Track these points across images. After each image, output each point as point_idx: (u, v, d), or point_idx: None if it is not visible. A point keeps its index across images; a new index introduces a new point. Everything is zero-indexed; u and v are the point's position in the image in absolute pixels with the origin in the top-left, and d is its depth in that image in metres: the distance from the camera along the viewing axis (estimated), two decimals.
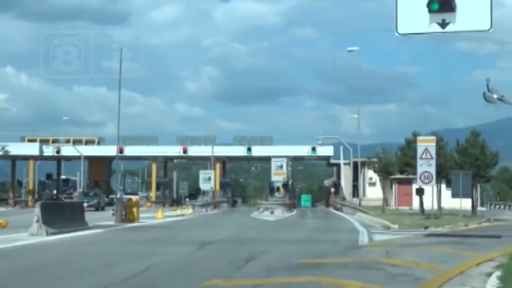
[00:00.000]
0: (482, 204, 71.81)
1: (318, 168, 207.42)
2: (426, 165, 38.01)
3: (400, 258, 17.26)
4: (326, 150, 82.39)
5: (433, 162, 38.08)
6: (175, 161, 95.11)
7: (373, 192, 79.58)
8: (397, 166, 46.61)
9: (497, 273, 13.53)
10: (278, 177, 64.99)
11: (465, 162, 42.42)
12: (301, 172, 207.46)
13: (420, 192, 39.88)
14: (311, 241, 23.91)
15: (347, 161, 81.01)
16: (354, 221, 42.27)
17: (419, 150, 38.34)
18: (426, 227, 32.55)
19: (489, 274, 14.35)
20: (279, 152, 78.77)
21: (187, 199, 74.62)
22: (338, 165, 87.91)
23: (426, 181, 37.96)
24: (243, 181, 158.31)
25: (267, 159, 77.39)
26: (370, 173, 79.93)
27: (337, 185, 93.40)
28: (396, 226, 33.53)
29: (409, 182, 74.93)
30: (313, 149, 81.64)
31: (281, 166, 65.02)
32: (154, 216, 42.05)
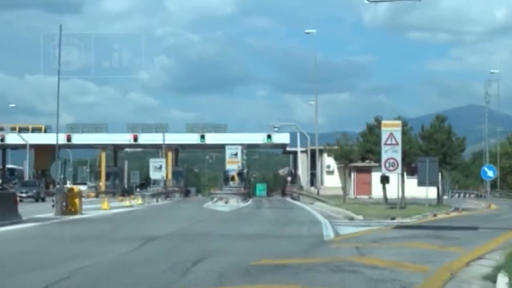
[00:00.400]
0: (443, 193, 69.98)
1: (273, 157, 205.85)
2: (391, 151, 35.77)
3: (376, 257, 14.69)
4: (282, 138, 79.90)
5: (398, 148, 35.85)
6: (127, 150, 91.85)
7: (331, 181, 77.41)
8: (358, 153, 44.18)
9: (503, 279, 10.95)
10: (232, 165, 62.17)
11: (431, 149, 40.16)
12: (256, 162, 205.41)
13: (384, 180, 37.44)
14: (271, 236, 21.21)
15: (304, 149, 78.60)
16: (314, 211, 39.81)
17: (384, 136, 36.06)
18: (393, 218, 30.23)
19: (485, 277, 11.96)
20: (233, 140, 76.09)
21: (138, 189, 71.51)
22: (294, 153, 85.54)
23: (391, 168, 35.71)
24: (197, 171, 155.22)
25: (221, 147, 74.67)
26: (328, 161, 77.76)
27: (293, 174, 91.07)
28: (361, 217, 31.10)
29: (368, 170, 72.87)
30: (269, 136, 79.10)
31: (236, 154, 62.22)
32: (99, 208, 39.00)
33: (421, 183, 37.82)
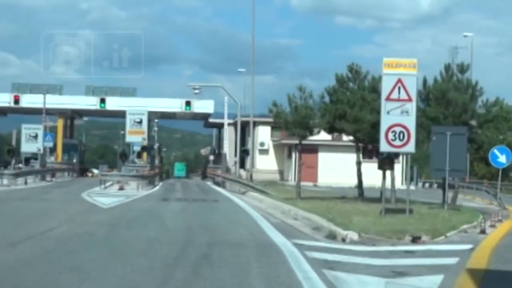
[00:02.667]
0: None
1: (196, 136, 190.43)
2: (398, 113, 20.46)
3: None
4: (204, 105, 64.17)
5: (411, 107, 20.54)
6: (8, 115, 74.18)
7: (265, 162, 62.23)
8: (323, 121, 28.59)
9: None
10: (135, 137, 46.09)
11: (445, 117, 24.98)
12: (177, 141, 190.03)
13: (385, 163, 21.44)
14: None
15: (231, 121, 62.86)
16: (252, 211, 24.68)
17: (387, 84, 20.65)
18: (416, 238, 15.35)
19: None
20: (142, 106, 60.36)
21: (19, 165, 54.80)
22: (219, 126, 69.84)
23: (397, 143, 20.43)
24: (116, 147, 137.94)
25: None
26: (262, 137, 62.39)
27: (217, 152, 75.36)
28: (354, 236, 15.84)
29: (314, 150, 57.94)
30: (188, 104, 63.23)
31: (140, 122, 46.19)
32: None
33: (436, 170, 22.96)
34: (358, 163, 29.46)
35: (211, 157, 71.12)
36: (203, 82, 66.99)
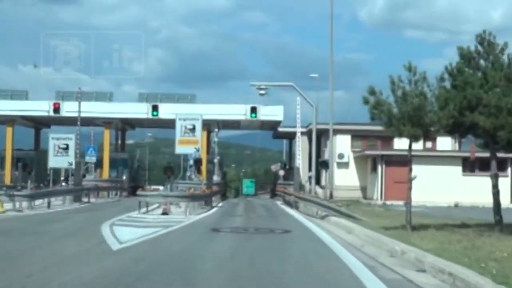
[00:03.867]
0: None
1: (267, 153, 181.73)
2: None
3: None
4: (272, 112, 55.59)
5: None
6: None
7: (344, 178, 53.23)
8: (443, 116, 19.25)
9: None
10: (186, 147, 37.44)
11: None
12: (247, 158, 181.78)
13: None
14: None
15: (304, 130, 53.91)
16: (342, 250, 16.14)
17: None
18: None
19: None
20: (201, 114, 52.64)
21: (64, 183, 47.25)
22: (291, 137, 61.05)
23: None
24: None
25: None
26: (341, 148, 53.52)
27: (287, 167, 66.63)
28: None
29: (404, 162, 48.68)
30: (253, 110, 54.79)
31: (193, 129, 37.61)
32: None
33: None
34: (495, 177, 20.21)
35: (281, 172, 62.37)
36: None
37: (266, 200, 58.01)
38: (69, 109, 54.39)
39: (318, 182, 49.19)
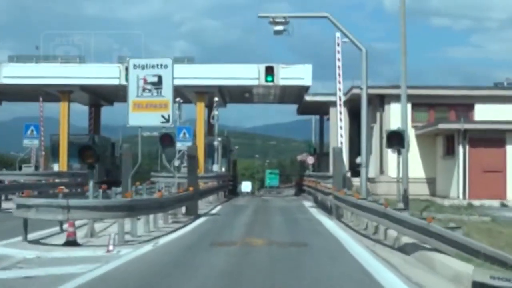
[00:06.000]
0: None
1: (291, 143, 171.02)
2: None
3: None
4: (297, 73, 39.72)
5: None
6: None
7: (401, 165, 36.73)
8: None
9: None
10: (146, 114, 20.99)
11: None
12: (272, 148, 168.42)
13: None
14: None
15: (343, 97, 37.06)
16: None
17: None
18: None
19: None
20: (200, 78, 38.12)
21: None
22: (323, 108, 44.39)
23: None
24: None
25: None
26: (396, 122, 37.47)
27: (317, 153, 50.77)
28: None
29: (499, 140, 32.46)
30: (269, 71, 38.94)
31: (159, 83, 21.57)
32: None
33: None
34: None
35: (310, 160, 46.31)
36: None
37: (290, 199, 41.89)
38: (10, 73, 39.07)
39: (354, 173, 32.92)
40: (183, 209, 23.61)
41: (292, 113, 56.47)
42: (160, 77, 22.37)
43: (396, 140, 18.91)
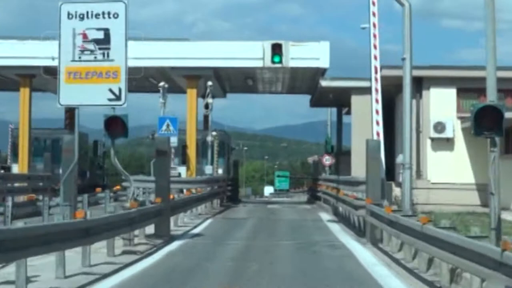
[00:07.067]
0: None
1: (302, 145, 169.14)
2: None
3: None
4: (311, 52, 32.26)
5: None
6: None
7: (445, 168, 29.35)
8: None
9: None
10: (86, 87, 13.41)
11: None
12: (283, 151, 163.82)
13: None
14: None
15: (373, 82, 29.35)
16: None
17: None
18: None
19: None
20: (193, 59, 31.21)
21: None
22: (343, 96, 36.53)
23: None
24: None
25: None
26: (437, 112, 30.03)
27: (335, 152, 43.23)
28: None
29: None
30: (276, 50, 31.52)
31: (105, 41, 14.53)
32: None
33: None
34: None
35: (327, 161, 38.69)
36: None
37: (302, 209, 34.04)
38: None
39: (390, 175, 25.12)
40: (149, 229, 16.22)
41: (303, 116, 49.55)
42: (107, 32, 14.95)
43: (490, 121, 10.93)
